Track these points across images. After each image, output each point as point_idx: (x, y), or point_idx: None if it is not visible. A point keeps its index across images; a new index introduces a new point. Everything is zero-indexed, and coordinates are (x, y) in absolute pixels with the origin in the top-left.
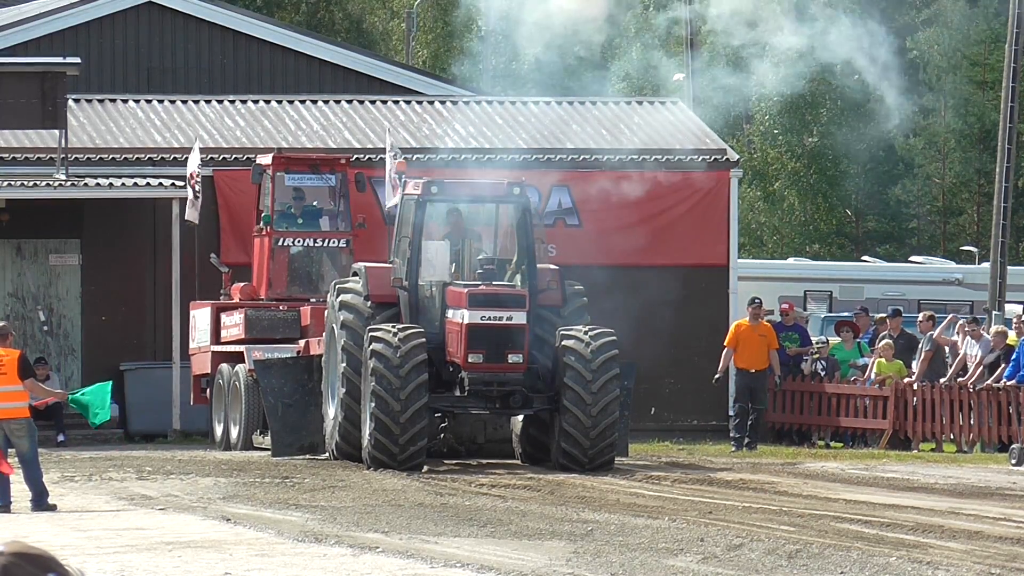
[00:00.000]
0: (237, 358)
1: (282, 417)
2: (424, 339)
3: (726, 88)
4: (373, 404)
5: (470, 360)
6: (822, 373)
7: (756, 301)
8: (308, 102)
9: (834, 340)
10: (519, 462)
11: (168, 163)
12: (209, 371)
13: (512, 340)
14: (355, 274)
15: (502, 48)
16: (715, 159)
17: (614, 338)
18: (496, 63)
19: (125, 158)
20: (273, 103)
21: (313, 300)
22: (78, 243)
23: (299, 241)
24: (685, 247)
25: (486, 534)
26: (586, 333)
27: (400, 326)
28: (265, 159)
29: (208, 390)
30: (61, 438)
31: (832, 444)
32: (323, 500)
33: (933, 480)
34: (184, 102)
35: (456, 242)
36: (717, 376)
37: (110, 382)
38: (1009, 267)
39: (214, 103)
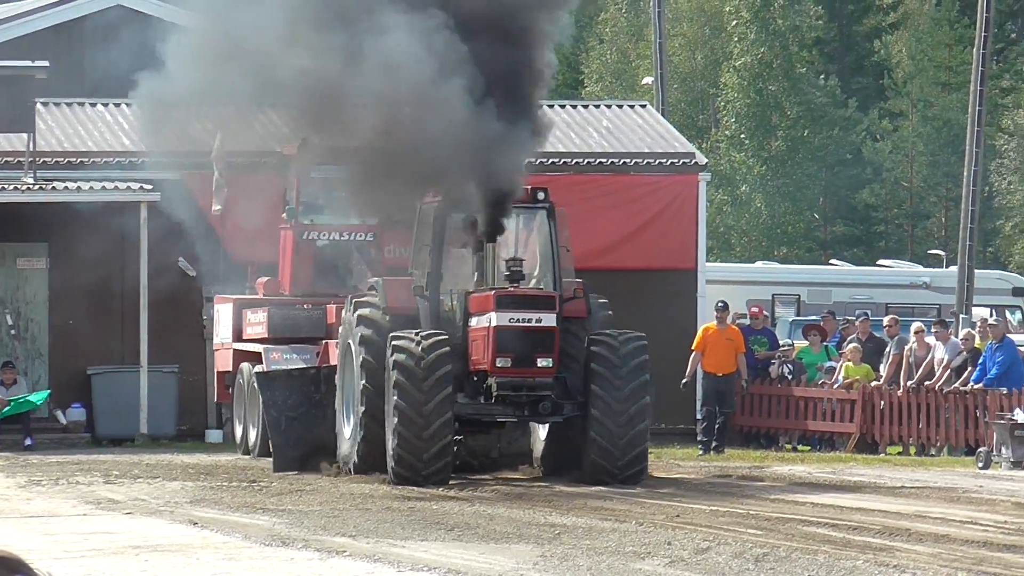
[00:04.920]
0: (258, 357)
1: (285, 431)
2: (448, 347)
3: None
4: (396, 419)
5: (498, 364)
6: (789, 376)
7: (723, 305)
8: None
9: (801, 343)
10: (540, 476)
11: (137, 167)
12: (231, 368)
13: (542, 343)
14: (372, 288)
15: None
16: (683, 162)
17: (644, 343)
18: None
19: (93, 161)
20: (230, 108)
21: (341, 295)
22: (46, 247)
23: (325, 234)
24: (653, 250)
25: (453, 538)
26: (616, 338)
27: (424, 333)
28: (290, 149)
29: (231, 388)
30: (28, 442)
31: (799, 448)
32: (290, 504)
33: (900, 483)
34: (152, 105)
35: (478, 250)
36: (685, 380)
37: (47, 392)
38: (976, 271)
39: (181, 106)
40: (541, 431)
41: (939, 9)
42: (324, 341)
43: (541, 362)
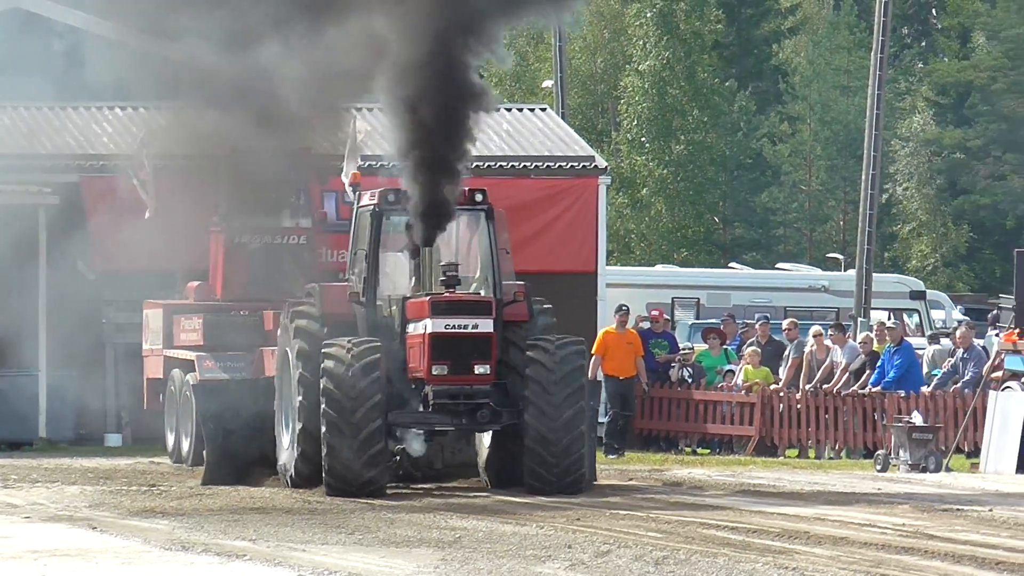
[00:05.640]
0: (190, 364)
1: (222, 444)
2: (379, 355)
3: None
4: (326, 437)
5: (434, 372)
6: (688, 379)
7: (623, 308)
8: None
9: (701, 347)
10: (485, 487)
11: (34, 170)
12: (161, 376)
13: (479, 349)
14: (309, 294)
15: None
16: (583, 166)
17: (582, 349)
18: None
19: None
20: (141, 110)
21: (274, 300)
22: None
23: (257, 237)
24: (553, 254)
25: (354, 541)
26: (552, 343)
27: (355, 342)
28: (221, 150)
29: (161, 395)
30: None
31: (699, 451)
32: (190, 508)
33: (799, 486)
34: (51, 108)
35: (415, 254)
36: None
37: None
38: (875, 274)
39: (81, 109)
40: (486, 439)
41: (837, 14)
42: (260, 349)
43: (478, 369)
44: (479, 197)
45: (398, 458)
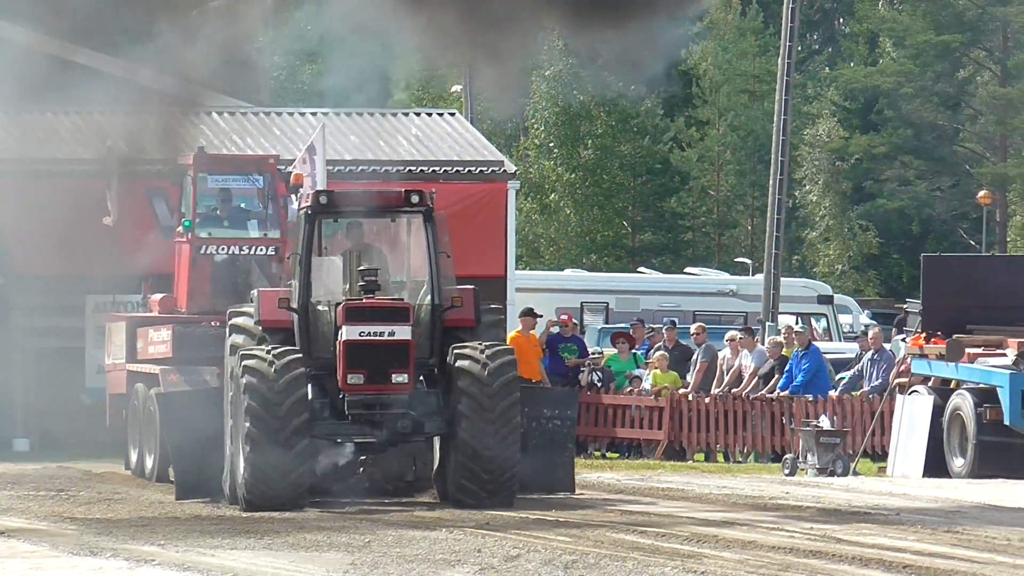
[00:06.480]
0: (154, 378)
1: (188, 457)
2: (302, 367)
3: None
4: (248, 447)
5: (349, 381)
6: (598, 384)
7: (527, 312)
8: (83, 113)
9: (610, 351)
10: (438, 500)
11: None
12: (124, 391)
13: (396, 358)
14: (252, 301)
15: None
16: (492, 171)
17: (513, 358)
18: (277, 74)
19: None
20: (48, 115)
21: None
22: None
23: (224, 248)
24: (462, 258)
25: (263, 546)
26: (482, 352)
27: (278, 351)
28: (186, 158)
29: (125, 411)
30: None
31: (608, 455)
32: (99, 513)
33: (708, 490)
34: None
35: (351, 258)
36: None
37: None
38: (783, 279)
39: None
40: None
41: (744, 19)
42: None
43: (396, 378)
44: (415, 199)
45: (362, 471)
